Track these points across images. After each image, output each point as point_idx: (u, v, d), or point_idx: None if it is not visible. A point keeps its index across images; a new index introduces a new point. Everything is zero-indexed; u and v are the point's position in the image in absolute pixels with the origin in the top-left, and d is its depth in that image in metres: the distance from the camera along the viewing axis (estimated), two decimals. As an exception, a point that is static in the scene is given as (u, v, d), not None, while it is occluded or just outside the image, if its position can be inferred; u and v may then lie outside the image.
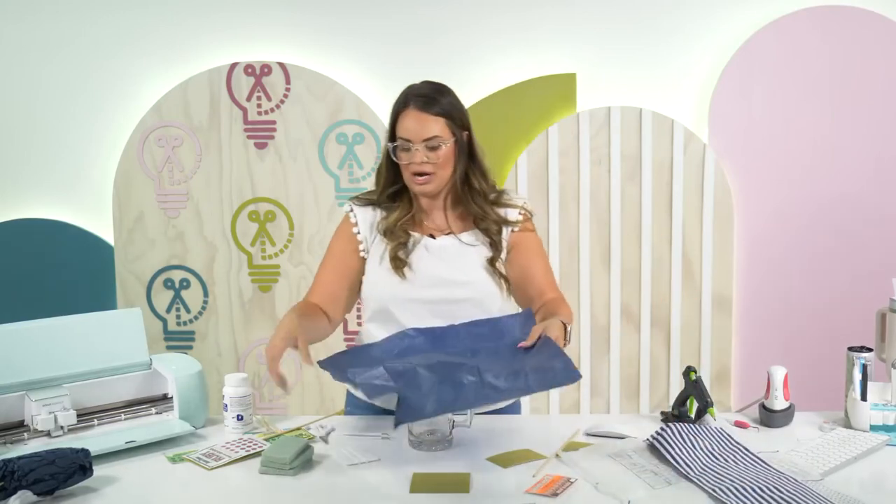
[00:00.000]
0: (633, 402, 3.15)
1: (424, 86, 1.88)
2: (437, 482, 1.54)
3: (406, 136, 1.83)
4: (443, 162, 1.84)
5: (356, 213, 1.94)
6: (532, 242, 1.95)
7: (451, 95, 1.88)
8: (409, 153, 1.84)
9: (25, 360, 1.73)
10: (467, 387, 1.58)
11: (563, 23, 3.07)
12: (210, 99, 3.10)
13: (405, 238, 1.88)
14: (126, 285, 3.20)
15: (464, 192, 1.91)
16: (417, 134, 1.82)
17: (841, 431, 1.76)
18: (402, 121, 1.84)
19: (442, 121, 1.84)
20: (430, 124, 1.82)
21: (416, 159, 1.83)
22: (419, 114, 1.83)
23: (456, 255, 1.89)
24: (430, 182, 1.85)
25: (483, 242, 1.91)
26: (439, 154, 1.84)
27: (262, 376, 3.21)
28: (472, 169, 1.91)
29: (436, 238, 1.91)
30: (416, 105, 1.83)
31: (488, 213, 1.91)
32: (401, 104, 1.86)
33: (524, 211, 1.96)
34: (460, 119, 1.87)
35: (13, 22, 3.14)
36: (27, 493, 1.46)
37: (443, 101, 1.85)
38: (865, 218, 3.04)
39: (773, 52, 3.00)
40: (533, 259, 1.94)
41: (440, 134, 1.83)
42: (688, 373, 1.82)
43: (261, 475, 1.59)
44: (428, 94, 1.85)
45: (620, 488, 1.50)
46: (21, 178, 3.22)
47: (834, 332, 2.97)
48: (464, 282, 1.87)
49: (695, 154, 3.04)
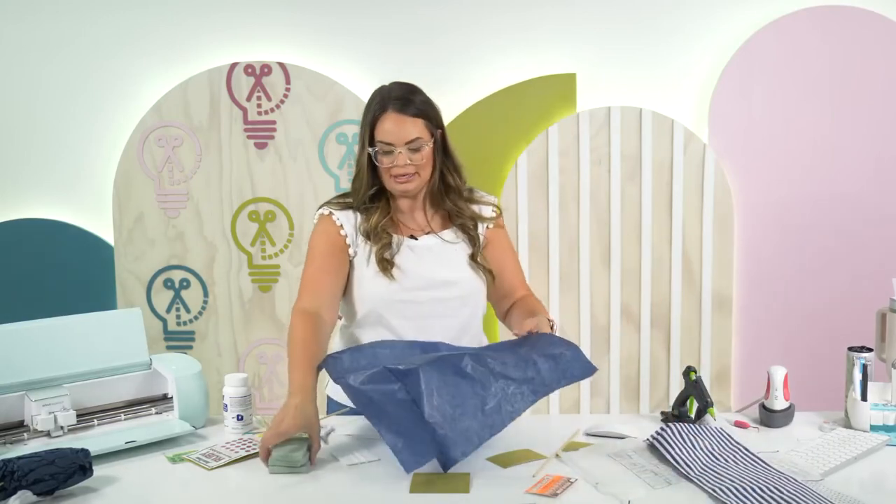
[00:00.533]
0: (633, 402, 3.15)
1: (397, 87, 1.87)
2: (437, 482, 1.54)
3: (387, 140, 1.82)
4: (424, 162, 1.85)
5: (337, 216, 1.92)
6: (504, 239, 2.00)
7: (424, 94, 1.88)
8: (391, 156, 1.83)
9: (25, 360, 1.73)
10: (491, 399, 1.58)
11: (563, 23, 3.07)
12: (210, 99, 3.10)
13: (388, 239, 1.87)
14: (126, 285, 3.20)
15: (439, 189, 1.92)
16: (399, 137, 1.82)
17: (841, 431, 1.76)
18: (382, 124, 1.83)
19: (420, 122, 1.84)
20: (409, 126, 1.82)
21: (400, 162, 1.82)
22: (398, 116, 1.82)
23: (440, 253, 1.90)
24: (411, 181, 1.85)
25: (463, 239, 1.93)
26: (422, 155, 1.84)
27: (262, 376, 3.21)
28: (447, 166, 1.92)
29: (417, 238, 1.91)
30: (394, 108, 1.83)
31: (463, 210, 1.93)
32: (378, 108, 1.84)
33: (496, 208, 1.99)
34: (435, 118, 1.88)
35: (13, 22, 3.14)
36: (27, 493, 1.46)
37: (418, 102, 1.85)
38: (865, 218, 3.04)
39: (773, 52, 3.00)
40: (505, 256, 1.99)
41: (420, 135, 1.83)
42: (688, 373, 1.82)
43: (270, 475, 1.58)
44: (404, 96, 1.84)
45: (620, 488, 1.50)
46: (21, 178, 3.22)
47: (834, 332, 2.96)
48: (453, 281, 1.88)
49: (695, 154, 3.04)
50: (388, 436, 1.56)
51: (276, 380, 3.21)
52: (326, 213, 1.93)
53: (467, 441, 1.55)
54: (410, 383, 1.59)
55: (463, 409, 1.57)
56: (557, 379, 1.63)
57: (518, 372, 1.61)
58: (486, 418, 1.57)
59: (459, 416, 1.56)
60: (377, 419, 1.59)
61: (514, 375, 1.61)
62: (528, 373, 1.61)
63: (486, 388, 1.59)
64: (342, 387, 1.65)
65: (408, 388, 1.59)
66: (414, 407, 1.57)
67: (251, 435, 1.79)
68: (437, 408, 1.56)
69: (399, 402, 1.58)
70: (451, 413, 1.57)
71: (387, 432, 1.56)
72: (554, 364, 1.63)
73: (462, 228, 1.93)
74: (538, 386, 1.61)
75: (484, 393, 1.59)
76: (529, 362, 1.62)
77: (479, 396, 1.58)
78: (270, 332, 3.19)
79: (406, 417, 1.57)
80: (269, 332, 3.19)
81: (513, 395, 1.60)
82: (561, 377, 1.63)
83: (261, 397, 3.21)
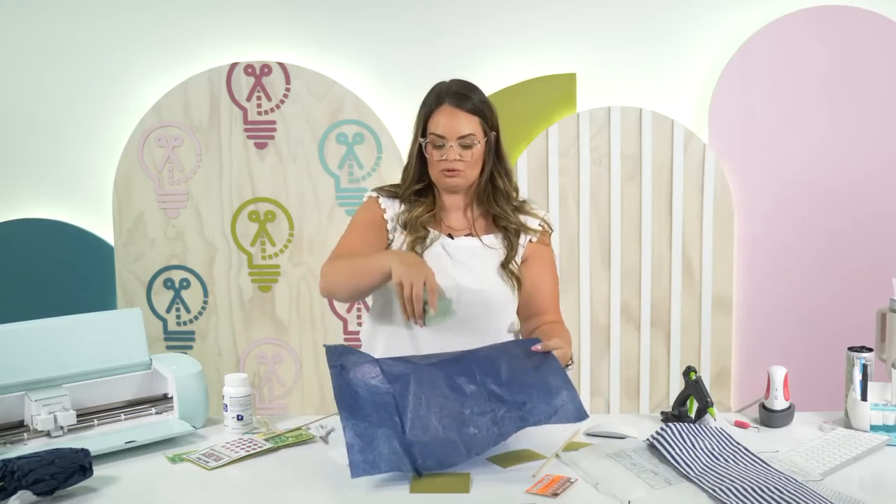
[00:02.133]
0: (633, 402, 3.15)
1: (457, 83, 1.87)
2: (437, 482, 1.54)
3: (440, 133, 1.82)
4: (474, 160, 1.84)
5: (383, 201, 1.92)
6: (546, 257, 1.94)
7: (482, 94, 1.87)
8: (441, 150, 1.83)
9: (25, 360, 1.73)
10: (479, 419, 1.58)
11: (563, 23, 3.07)
12: (210, 99, 3.10)
13: (424, 233, 1.86)
14: (126, 285, 3.20)
15: (487, 192, 1.90)
16: (452, 131, 1.81)
17: (841, 431, 1.76)
18: (436, 117, 1.83)
19: (475, 119, 1.83)
20: (463, 122, 1.82)
21: (450, 156, 1.82)
22: (454, 111, 1.82)
23: (471, 257, 1.87)
24: (458, 176, 1.84)
25: (502, 246, 1.90)
26: (472, 152, 1.83)
27: (262, 376, 3.21)
28: (498, 169, 1.90)
29: (454, 238, 1.89)
30: (450, 102, 1.82)
31: (510, 216, 1.90)
32: (434, 100, 1.85)
33: (544, 224, 1.95)
34: (491, 118, 1.87)
35: (14, 22, 3.14)
36: (27, 493, 1.46)
37: (475, 99, 1.84)
38: (865, 217, 3.04)
39: (773, 53, 3.00)
40: (543, 274, 1.93)
41: (474, 132, 1.82)
42: (688, 373, 1.82)
43: (274, 469, 1.59)
44: (461, 92, 1.84)
45: (620, 488, 1.50)
46: (21, 178, 3.22)
47: (834, 332, 2.97)
48: (475, 290, 1.83)
49: (695, 154, 3.04)
50: (348, 433, 1.54)
51: (276, 380, 3.21)
52: (374, 196, 1.94)
53: (444, 455, 1.55)
54: (399, 389, 1.59)
55: (449, 421, 1.58)
56: (548, 415, 1.59)
57: (511, 394, 1.60)
58: (471, 438, 1.57)
59: (443, 430, 1.57)
60: (348, 412, 1.57)
61: (507, 398, 1.60)
62: (521, 397, 1.60)
63: (477, 407, 1.59)
64: (333, 373, 1.63)
65: (395, 395, 1.59)
66: (394, 416, 1.57)
67: (251, 435, 1.79)
68: (422, 418, 1.57)
69: (379, 405, 1.58)
70: (436, 426, 1.57)
71: (350, 429, 1.55)
72: (548, 398, 1.60)
73: (504, 235, 1.90)
74: (527, 414, 1.59)
75: (473, 412, 1.59)
76: (524, 386, 1.61)
77: (467, 415, 1.58)
78: (270, 332, 3.19)
79: (378, 422, 1.56)
80: (269, 332, 3.19)
81: (502, 419, 1.58)
82: (552, 414, 1.60)
83: (261, 397, 3.21)
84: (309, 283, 3.15)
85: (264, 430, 1.82)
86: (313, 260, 3.14)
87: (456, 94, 1.83)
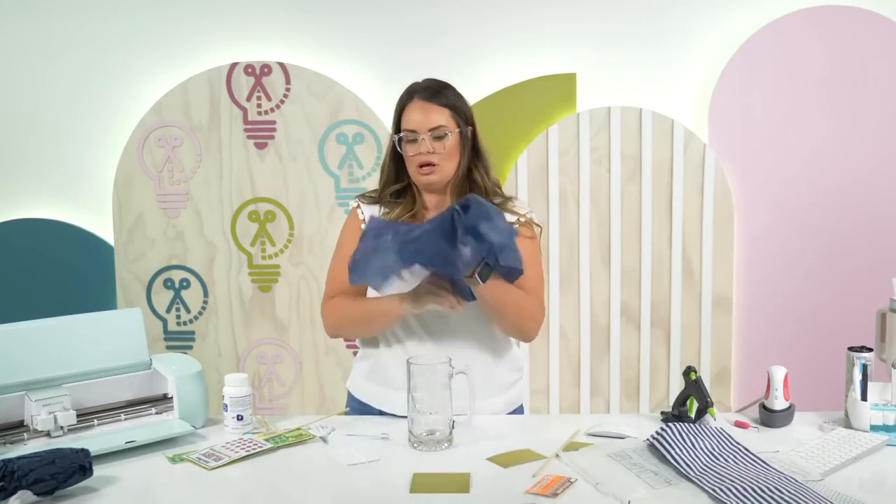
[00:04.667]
0: (633, 402, 3.15)
1: (428, 80, 1.91)
2: (437, 482, 1.54)
3: (412, 128, 1.84)
4: (448, 153, 1.85)
5: (363, 210, 1.95)
6: (527, 248, 1.89)
7: (455, 91, 1.90)
8: (415, 144, 1.85)
9: (25, 360, 1.73)
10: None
11: (563, 23, 3.07)
12: (210, 99, 3.10)
13: None
14: (126, 285, 3.20)
15: (464, 187, 1.91)
16: (423, 124, 1.84)
17: (841, 431, 1.75)
18: (408, 113, 1.86)
19: (446, 111, 1.86)
20: (434, 114, 1.84)
21: (423, 149, 1.84)
22: (424, 104, 1.85)
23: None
24: (434, 172, 1.86)
25: None
26: (445, 144, 1.84)
27: (262, 376, 3.21)
28: (476, 164, 1.91)
29: None
30: (420, 96, 1.86)
31: None
32: (405, 98, 1.88)
33: (526, 219, 1.93)
34: (464, 112, 1.89)
35: (14, 22, 3.15)
36: (27, 493, 1.46)
37: (447, 94, 1.88)
38: (865, 218, 3.04)
39: (773, 53, 3.00)
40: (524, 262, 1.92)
41: (445, 123, 1.85)
42: (688, 373, 1.82)
43: (268, 477, 1.59)
44: (432, 87, 1.88)
45: (620, 488, 1.50)
46: (21, 178, 3.23)
47: (834, 332, 2.97)
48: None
49: (695, 154, 3.04)
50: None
51: (276, 380, 3.21)
52: (355, 206, 1.97)
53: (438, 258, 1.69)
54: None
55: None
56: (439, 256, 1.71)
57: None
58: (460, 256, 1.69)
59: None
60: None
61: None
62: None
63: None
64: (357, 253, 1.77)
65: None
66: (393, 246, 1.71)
67: (251, 435, 1.79)
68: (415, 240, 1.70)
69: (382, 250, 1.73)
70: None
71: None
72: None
73: None
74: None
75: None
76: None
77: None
78: (270, 332, 3.19)
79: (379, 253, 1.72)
80: (269, 332, 3.19)
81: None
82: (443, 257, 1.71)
83: (261, 397, 3.21)
84: (309, 283, 3.16)
85: (264, 430, 1.82)
86: (313, 260, 3.14)
87: (426, 89, 1.87)
